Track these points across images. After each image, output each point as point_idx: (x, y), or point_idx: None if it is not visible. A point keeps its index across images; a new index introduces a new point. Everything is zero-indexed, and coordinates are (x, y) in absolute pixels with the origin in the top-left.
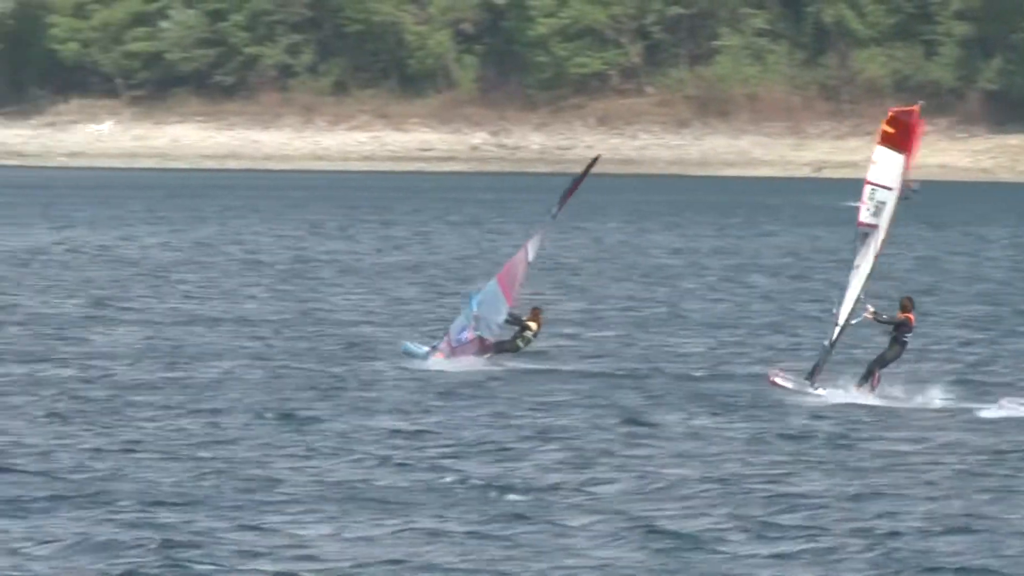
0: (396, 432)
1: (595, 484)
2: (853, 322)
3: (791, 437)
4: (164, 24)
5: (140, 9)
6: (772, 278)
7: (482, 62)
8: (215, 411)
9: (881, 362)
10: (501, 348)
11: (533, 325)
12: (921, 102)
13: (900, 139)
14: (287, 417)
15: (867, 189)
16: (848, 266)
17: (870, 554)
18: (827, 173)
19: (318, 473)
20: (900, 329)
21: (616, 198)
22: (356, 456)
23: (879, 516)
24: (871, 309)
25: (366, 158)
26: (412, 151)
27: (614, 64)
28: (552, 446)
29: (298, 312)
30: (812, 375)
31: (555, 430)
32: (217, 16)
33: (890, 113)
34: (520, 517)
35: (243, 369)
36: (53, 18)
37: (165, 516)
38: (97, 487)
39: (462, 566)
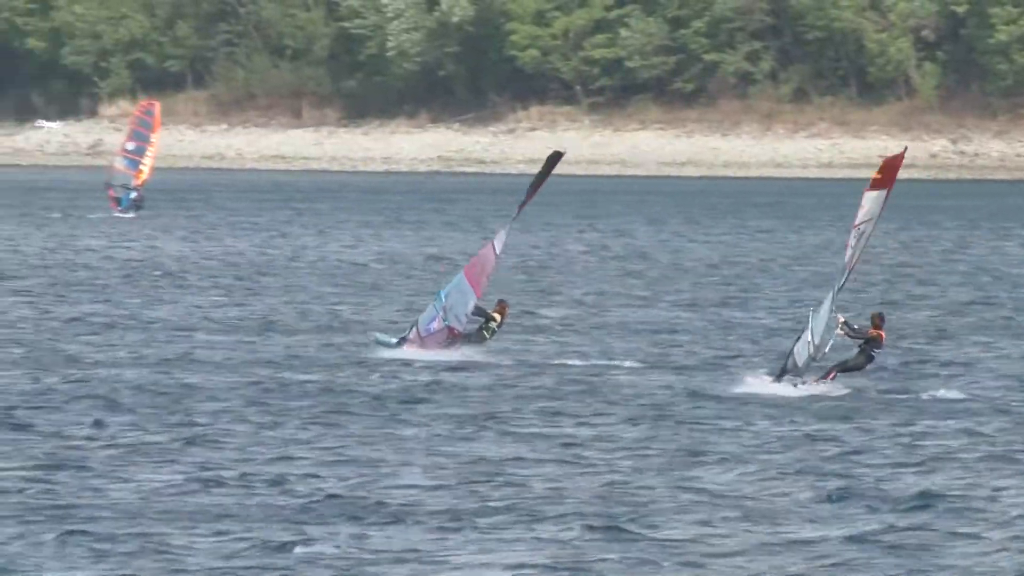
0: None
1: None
2: (826, 349)
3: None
4: (624, 31)
5: (600, 16)
6: None
7: (942, 69)
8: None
9: (842, 366)
10: (468, 340)
11: (498, 317)
12: (906, 146)
13: (886, 180)
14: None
15: (854, 232)
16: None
17: None
18: None
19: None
20: (870, 343)
21: None
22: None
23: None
24: (842, 320)
25: (824, 165)
26: (871, 158)
27: None
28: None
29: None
30: (780, 374)
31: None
32: (677, 23)
33: (882, 162)
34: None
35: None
36: (513, 25)
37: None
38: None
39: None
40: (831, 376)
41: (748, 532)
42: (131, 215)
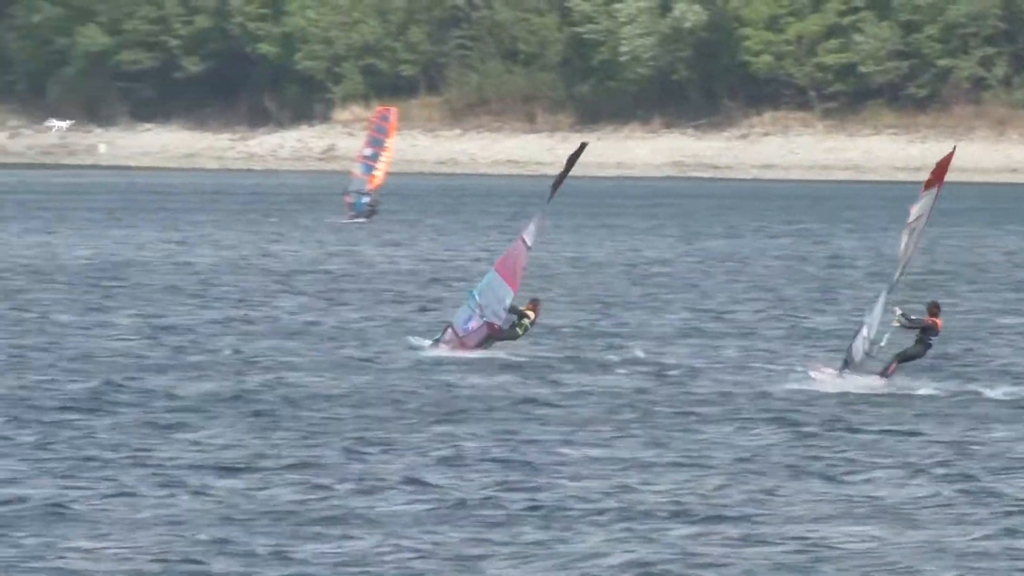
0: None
1: None
2: (883, 342)
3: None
4: (857, 37)
5: (833, 22)
6: None
7: None
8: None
9: (902, 356)
10: (502, 336)
11: (531, 314)
12: (955, 146)
13: (936, 179)
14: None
15: (906, 230)
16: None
17: None
18: None
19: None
20: (927, 332)
21: None
22: None
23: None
24: (899, 311)
25: None
26: None
27: None
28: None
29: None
30: (841, 369)
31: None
32: (910, 28)
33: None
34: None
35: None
36: (746, 31)
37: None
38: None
39: None
40: (892, 369)
41: (889, 536)
42: (364, 220)
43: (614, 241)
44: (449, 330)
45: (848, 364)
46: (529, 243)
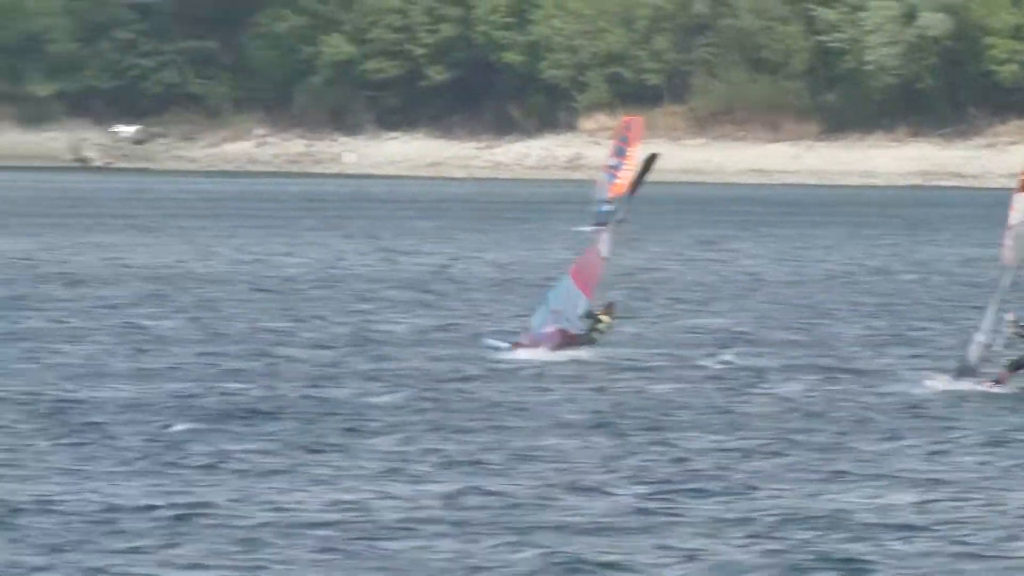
0: None
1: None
2: (996, 347)
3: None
4: None
5: None
6: None
7: None
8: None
9: (1015, 366)
10: (579, 341)
11: (605, 319)
12: None
13: None
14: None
15: (1008, 233)
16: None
17: None
18: None
19: None
20: None
21: None
22: None
23: None
24: (1011, 318)
25: None
26: None
27: None
28: None
29: None
30: (957, 376)
31: None
32: None
33: None
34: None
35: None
36: (991, 39)
37: None
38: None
39: None
40: (1003, 378)
41: None
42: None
43: (839, 250)
44: (527, 333)
45: (962, 371)
46: (604, 254)
